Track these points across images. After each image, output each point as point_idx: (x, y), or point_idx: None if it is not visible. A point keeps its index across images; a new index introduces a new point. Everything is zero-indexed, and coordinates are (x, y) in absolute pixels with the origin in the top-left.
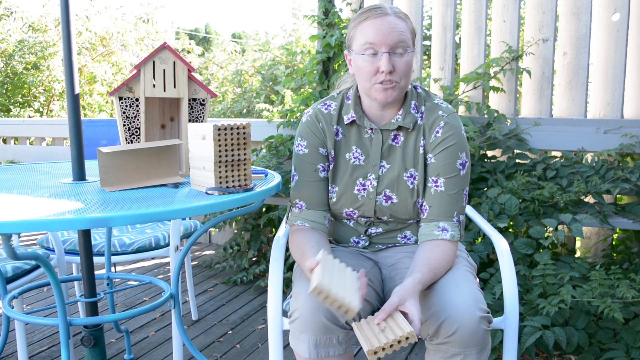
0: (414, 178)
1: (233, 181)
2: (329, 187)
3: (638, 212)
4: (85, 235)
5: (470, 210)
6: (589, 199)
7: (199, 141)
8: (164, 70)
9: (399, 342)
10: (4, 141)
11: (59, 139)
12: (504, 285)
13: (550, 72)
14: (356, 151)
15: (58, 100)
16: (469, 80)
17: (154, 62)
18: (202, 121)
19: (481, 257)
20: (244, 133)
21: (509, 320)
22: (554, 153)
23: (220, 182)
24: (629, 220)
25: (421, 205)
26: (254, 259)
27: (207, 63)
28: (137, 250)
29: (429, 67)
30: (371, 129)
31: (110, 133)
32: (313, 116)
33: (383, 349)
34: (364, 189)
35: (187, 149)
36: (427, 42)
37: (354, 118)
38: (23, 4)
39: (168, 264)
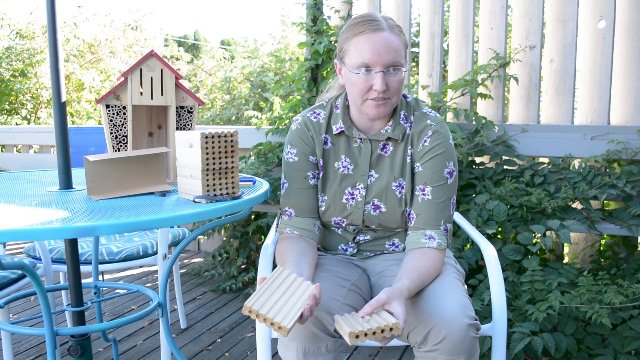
0: (402, 187)
1: (221, 189)
2: (319, 196)
3: (625, 217)
4: (72, 244)
5: (458, 217)
6: (577, 205)
7: (186, 149)
8: (152, 78)
9: (383, 331)
10: None
11: (46, 146)
12: (492, 292)
13: (537, 79)
14: (345, 160)
15: (46, 107)
16: (457, 87)
17: (141, 69)
18: (189, 129)
19: (470, 263)
20: (232, 141)
21: (497, 327)
22: (541, 159)
23: (208, 190)
24: (616, 226)
25: (409, 214)
26: (242, 266)
27: (195, 70)
28: (125, 259)
29: (417, 73)
30: (360, 139)
31: (98, 140)
32: (302, 124)
33: (365, 334)
34: (353, 198)
35: (174, 157)
36: (415, 49)
37: (343, 129)
38: (10, 11)
39: (156, 272)
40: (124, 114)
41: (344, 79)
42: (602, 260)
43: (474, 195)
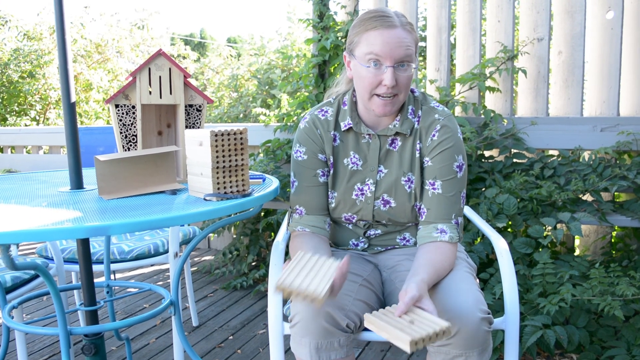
0: (412, 182)
1: (231, 187)
2: (329, 193)
3: (636, 209)
4: (84, 243)
5: (468, 211)
6: (587, 197)
7: (196, 147)
8: (160, 77)
9: (437, 335)
10: (1, 150)
11: (56, 147)
12: (503, 286)
13: (545, 71)
14: (354, 156)
15: (54, 108)
16: (465, 81)
17: (149, 69)
18: (198, 127)
19: (480, 257)
20: (241, 138)
21: (510, 320)
22: (551, 152)
23: (218, 188)
24: (627, 218)
25: (419, 209)
26: (253, 263)
27: (202, 68)
28: (136, 258)
29: (425, 68)
30: (369, 134)
31: (107, 140)
32: (310, 122)
33: (423, 340)
34: (362, 194)
35: (184, 155)
36: (422, 44)
37: (351, 125)
38: (18, 12)
39: (167, 270)
40: (133, 113)
41: (353, 71)
42: (614, 252)
43: (483, 189)
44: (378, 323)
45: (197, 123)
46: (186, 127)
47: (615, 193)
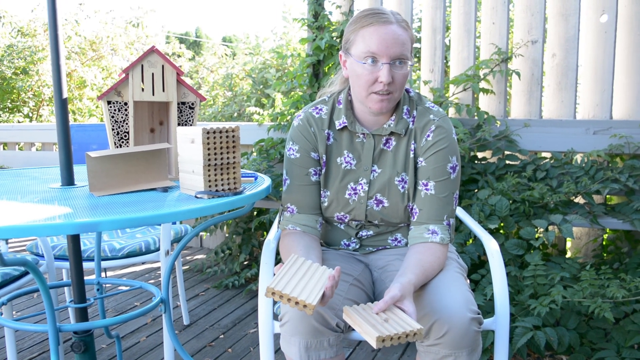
0: (405, 182)
1: (222, 185)
2: (321, 192)
3: (627, 212)
4: (75, 240)
5: (460, 212)
6: (579, 200)
7: (188, 145)
8: (153, 74)
9: (407, 336)
10: None
11: (48, 144)
12: (494, 287)
13: (539, 74)
14: (348, 155)
15: (47, 105)
16: (459, 82)
17: (142, 65)
18: (191, 125)
19: (472, 258)
20: (233, 136)
21: (500, 321)
22: (543, 154)
23: (210, 186)
24: (618, 220)
25: (411, 209)
26: (245, 262)
27: (197, 67)
28: (128, 255)
29: (419, 69)
30: (363, 134)
31: (100, 137)
32: (304, 120)
33: (391, 338)
34: (355, 193)
35: (176, 152)
36: (417, 45)
37: (346, 124)
38: (12, 8)
39: (159, 268)
40: (126, 110)
41: (349, 70)
42: (605, 254)
43: (476, 191)
44: (354, 317)
45: (190, 120)
46: (178, 124)
47: (607, 196)
